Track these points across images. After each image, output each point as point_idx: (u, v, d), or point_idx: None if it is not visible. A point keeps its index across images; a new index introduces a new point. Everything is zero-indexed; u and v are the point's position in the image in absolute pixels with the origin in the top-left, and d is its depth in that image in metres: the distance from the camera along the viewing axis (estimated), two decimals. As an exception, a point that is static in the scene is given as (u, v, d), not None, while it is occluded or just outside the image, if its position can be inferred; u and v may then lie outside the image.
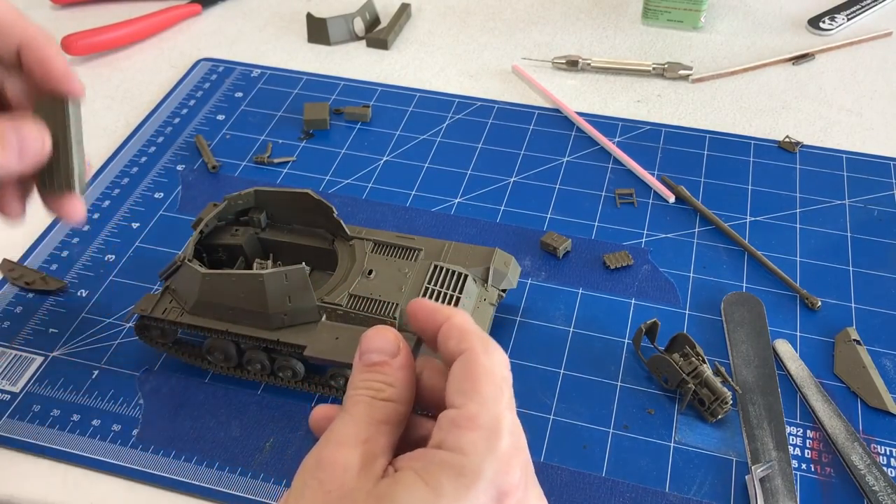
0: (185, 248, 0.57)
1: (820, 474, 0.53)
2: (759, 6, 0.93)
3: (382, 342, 0.37)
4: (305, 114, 0.79)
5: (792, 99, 0.81)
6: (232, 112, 0.81)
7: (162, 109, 0.82)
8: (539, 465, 0.53)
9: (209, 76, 0.86)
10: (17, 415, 0.57)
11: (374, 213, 0.70)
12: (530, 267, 0.65)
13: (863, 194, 0.71)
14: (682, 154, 0.75)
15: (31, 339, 0.61)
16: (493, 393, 0.34)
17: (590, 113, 0.80)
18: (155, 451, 0.55)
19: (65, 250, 0.68)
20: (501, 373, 0.35)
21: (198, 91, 0.84)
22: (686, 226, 0.68)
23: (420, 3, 0.96)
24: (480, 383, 0.34)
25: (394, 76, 0.85)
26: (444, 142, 0.77)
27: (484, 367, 0.35)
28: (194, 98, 0.83)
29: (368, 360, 0.37)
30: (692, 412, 0.56)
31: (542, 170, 0.74)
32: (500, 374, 0.35)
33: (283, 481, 0.53)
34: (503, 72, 0.86)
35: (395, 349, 0.37)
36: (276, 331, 0.55)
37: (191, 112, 0.81)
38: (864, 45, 0.88)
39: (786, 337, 0.60)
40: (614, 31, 0.91)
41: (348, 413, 0.36)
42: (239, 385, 0.58)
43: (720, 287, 0.63)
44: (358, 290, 0.55)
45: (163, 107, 0.82)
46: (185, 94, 0.83)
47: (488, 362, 0.35)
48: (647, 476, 0.53)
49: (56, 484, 0.54)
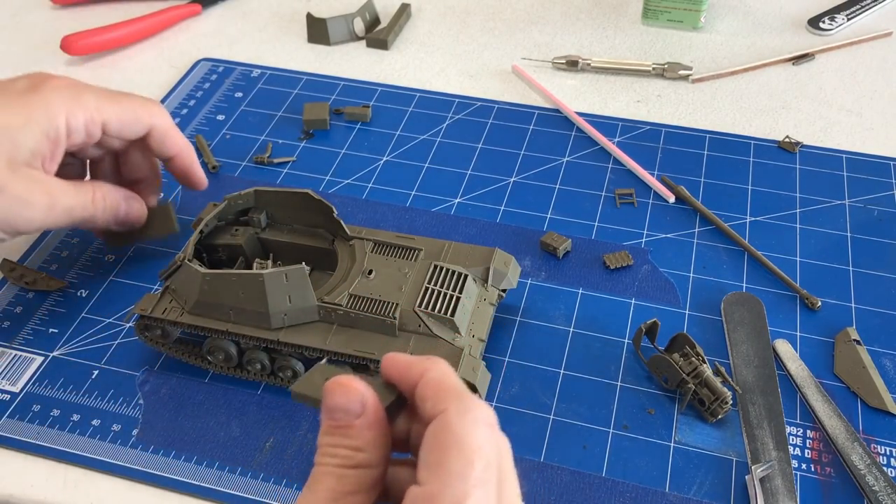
0: (185, 248, 0.57)
1: (820, 474, 0.53)
2: (759, 6, 0.93)
3: (343, 400, 0.33)
4: (305, 114, 0.79)
5: (792, 99, 0.81)
6: (232, 112, 0.81)
7: (162, 109, 0.82)
8: (539, 465, 0.53)
9: (209, 76, 0.86)
10: (17, 415, 0.57)
11: (374, 213, 0.70)
12: (530, 267, 0.65)
13: (863, 194, 0.71)
14: (681, 154, 0.75)
15: (31, 339, 0.61)
16: (460, 467, 0.30)
17: (590, 113, 0.80)
18: (155, 451, 0.55)
19: (65, 250, 0.68)
20: (475, 441, 0.31)
21: (198, 91, 0.84)
22: (686, 226, 0.68)
23: (420, 3, 0.96)
24: (447, 456, 0.30)
25: (394, 76, 0.85)
26: (444, 142, 0.77)
27: (454, 434, 0.31)
28: (194, 98, 0.83)
29: (332, 420, 0.33)
30: (692, 412, 0.56)
31: (542, 170, 0.74)
32: (474, 442, 0.31)
33: (283, 481, 0.53)
34: (503, 72, 0.86)
35: (358, 408, 0.33)
36: (276, 331, 0.55)
37: (191, 112, 0.81)
38: (864, 45, 0.88)
39: (786, 337, 0.60)
40: (614, 31, 0.91)
41: (313, 491, 0.32)
42: (239, 385, 0.58)
43: (720, 287, 0.63)
44: (358, 290, 0.55)
45: (163, 107, 0.82)
46: (185, 94, 0.83)
47: (460, 428, 0.31)
48: (647, 476, 0.53)
49: (56, 484, 0.54)
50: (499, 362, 0.59)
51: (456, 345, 0.53)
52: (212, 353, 0.58)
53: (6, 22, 0.95)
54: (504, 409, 0.56)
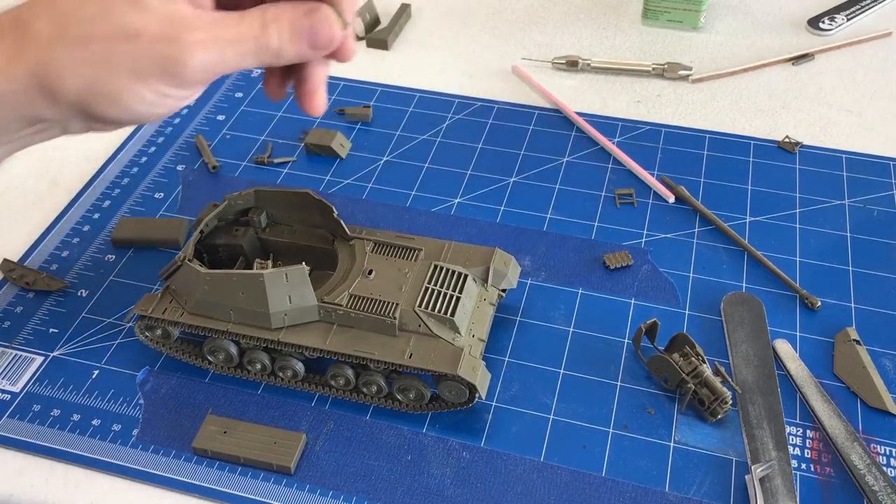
0: (186, 248, 0.57)
1: (820, 474, 0.53)
2: (759, 6, 0.93)
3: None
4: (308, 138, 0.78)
5: (792, 99, 0.81)
6: (232, 112, 0.81)
7: (162, 109, 0.82)
8: (539, 465, 0.53)
9: (209, 76, 0.86)
10: (17, 415, 0.57)
11: (374, 213, 0.70)
12: (530, 267, 0.65)
13: (862, 194, 0.71)
14: (681, 154, 0.75)
15: (31, 339, 0.61)
16: None
17: (590, 113, 0.80)
18: (155, 451, 0.55)
19: (65, 250, 0.68)
20: None
21: (198, 91, 0.84)
22: (686, 226, 0.68)
23: (420, 3, 0.96)
24: None
25: (394, 76, 0.85)
26: (444, 142, 0.77)
27: None
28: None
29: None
30: (692, 412, 0.56)
31: (542, 170, 0.74)
32: None
33: (283, 481, 0.53)
34: (503, 72, 0.86)
35: None
36: (277, 331, 0.55)
37: (191, 112, 0.81)
38: (864, 45, 0.88)
39: (786, 337, 0.60)
40: (614, 32, 0.91)
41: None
42: (239, 385, 0.58)
43: (720, 287, 0.64)
44: (358, 290, 0.55)
45: (163, 107, 0.82)
46: (186, 94, 0.83)
47: None
48: (647, 476, 0.53)
49: (56, 484, 0.54)
50: (499, 362, 0.59)
51: (456, 345, 0.53)
52: (212, 353, 0.58)
53: (6, 22, 0.95)
54: (504, 409, 0.56)
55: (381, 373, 0.55)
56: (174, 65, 0.41)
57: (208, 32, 0.42)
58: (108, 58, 0.41)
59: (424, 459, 0.54)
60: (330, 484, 0.53)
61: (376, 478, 0.53)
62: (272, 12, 0.43)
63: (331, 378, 0.56)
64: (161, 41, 0.41)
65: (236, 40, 0.42)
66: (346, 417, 0.56)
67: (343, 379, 0.56)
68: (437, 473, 0.53)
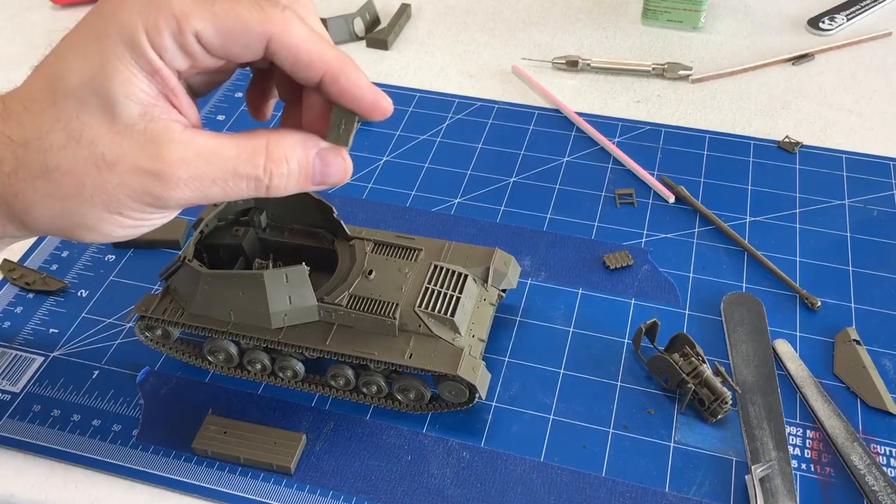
0: (186, 248, 0.57)
1: (820, 474, 0.53)
2: (759, 6, 0.93)
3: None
4: None
5: (792, 99, 0.81)
6: (232, 112, 0.81)
7: (162, 109, 0.82)
8: (539, 465, 0.53)
9: (209, 76, 0.86)
10: (17, 415, 0.57)
11: (374, 213, 0.70)
12: (530, 267, 0.65)
13: (862, 194, 0.71)
14: (681, 154, 0.75)
15: (31, 339, 0.61)
16: None
17: (589, 113, 0.80)
18: (155, 451, 0.55)
19: (65, 250, 0.68)
20: None
21: (198, 91, 0.84)
22: (686, 226, 0.68)
23: (420, 3, 0.96)
24: None
25: (394, 76, 0.85)
26: (444, 142, 0.77)
27: None
28: (194, 98, 0.83)
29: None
30: (692, 412, 0.56)
31: (542, 170, 0.74)
32: None
33: (283, 481, 0.53)
34: (503, 72, 0.86)
35: None
36: (277, 331, 0.55)
37: (191, 112, 0.81)
38: (864, 45, 0.88)
39: (786, 337, 0.60)
40: (614, 32, 0.91)
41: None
42: (239, 385, 0.58)
43: (720, 287, 0.63)
44: (358, 290, 0.55)
45: (163, 107, 0.82)
46: (185, 94, 0.83)
47: None
48: (647, 476, 0.53)
49: (56, 484, 0.54)
50: (499, 362, 0.59)
51: (456, 345, 0.53)
52: (212, 353, 0.58)
53: (6, 22, 0.95)
54: (504, 409, 0.56)
55: (381, 373, 0.55)
56: (155, 199, 0.38)
57: (197, 168, 0.38)
58: (78, 192, 0.37)
59: (424, 459, 0.54)
60: (330, 484, 0.53)
61: (376, 478, 0.53)
62: (278, 150, 0.40)
63: (331, 378, 0.56)
64: (139, 174, 0.37)
65: (229, 178, 0.38)
66: (346, 417, 0.56)
67: (343, 379, 0.56)
68: (437, 473, 0.53)
